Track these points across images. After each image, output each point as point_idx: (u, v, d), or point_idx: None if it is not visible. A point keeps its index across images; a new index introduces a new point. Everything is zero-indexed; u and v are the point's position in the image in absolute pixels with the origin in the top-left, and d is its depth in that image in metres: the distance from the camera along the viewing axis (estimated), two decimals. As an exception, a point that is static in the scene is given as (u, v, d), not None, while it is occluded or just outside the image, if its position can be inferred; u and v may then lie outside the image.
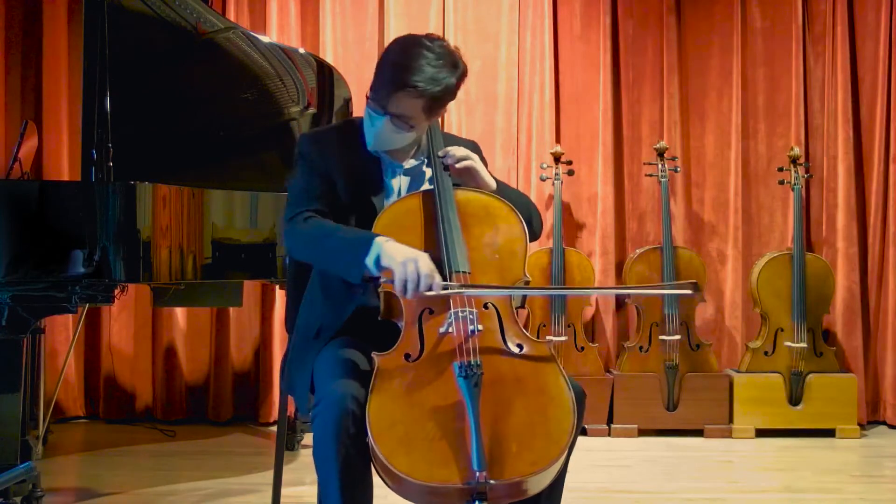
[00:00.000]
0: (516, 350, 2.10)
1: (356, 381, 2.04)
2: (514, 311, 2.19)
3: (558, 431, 1.98)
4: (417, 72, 2.18)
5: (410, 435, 1.94)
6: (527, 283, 2.25)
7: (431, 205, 2.23)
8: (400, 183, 2.38)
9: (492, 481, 1.87)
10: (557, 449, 1.96)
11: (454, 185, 2.29)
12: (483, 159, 2.41)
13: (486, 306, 2.14)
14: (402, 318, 2.12)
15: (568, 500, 2.16)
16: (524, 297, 2.32)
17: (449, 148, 2.31)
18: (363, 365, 2.10)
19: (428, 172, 2.40)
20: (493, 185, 2.35)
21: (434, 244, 2.18)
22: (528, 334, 2.15)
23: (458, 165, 2.28)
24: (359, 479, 2.03)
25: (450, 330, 2.06)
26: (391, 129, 2.26)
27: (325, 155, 2.34)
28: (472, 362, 1.99)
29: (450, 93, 2.24)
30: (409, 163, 2.41)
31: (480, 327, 2.07)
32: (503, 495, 1.93)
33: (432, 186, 2.27)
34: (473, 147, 2.47)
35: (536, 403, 2.02)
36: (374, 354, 2.06)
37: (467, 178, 2.32)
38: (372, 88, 2.27)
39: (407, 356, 2.06)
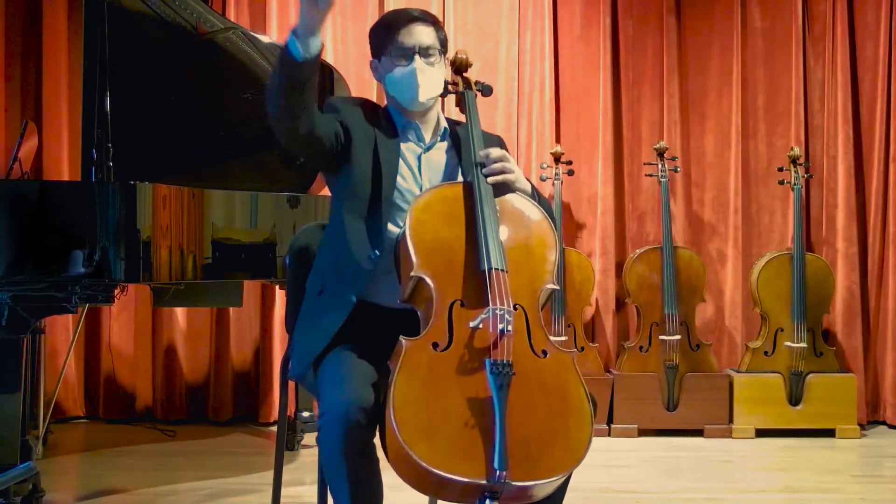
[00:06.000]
0: (541, 355, 2.10)
1: (361, 388, 2.03)
2: (541, 316, 2.18)
3: (577, 441, 1.98)
4: (410, 11, 2.39)
5: (434, 424, 1.93)
6: (553, 291, 2.24)
7: (470, 198, 2.23)
8: (420, 162, 2.39)
9: (511, 482, 1.87)
10: (574, 458, 1.96)
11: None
12: (505, 150, 2.43)
13: (515, 308, 2.12)
14: (431, 306, 2.10)
15: (568, 500, 2.16)
16: (544, 305, 2.30)
17: (489, 151, 2.30)
18: (367, 370, 2.09)
19: (435, 153, 2.42)
20: (528, 188, 2.36)
21: (472, 237, 2.18)
22: (552, 342, 2.14)
23: (490, 180, 2.26)
24: (368, 486, 2.03)
25: (481, 325, 2.05)
26: (424, 66, 2.33)
27: (351, 115, 2.36)
28: (506, 361, 1.99)
29: (441, 27, 2.42)
30: (430, 140, 2.42)
31: (511, 328, 2.05)
32: (514, 497, 1.92)
33: (470, 179, 2.27)
34: (499, 142, 2.50)
35: (559, 411, 2.01)
36: (402, 338, 2.04)
37: (503, 188, 2.31)
38: (383, 53, 2.36)
39: (435, 345, 2.05)
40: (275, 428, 4.76)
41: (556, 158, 4.82)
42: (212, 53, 3.79)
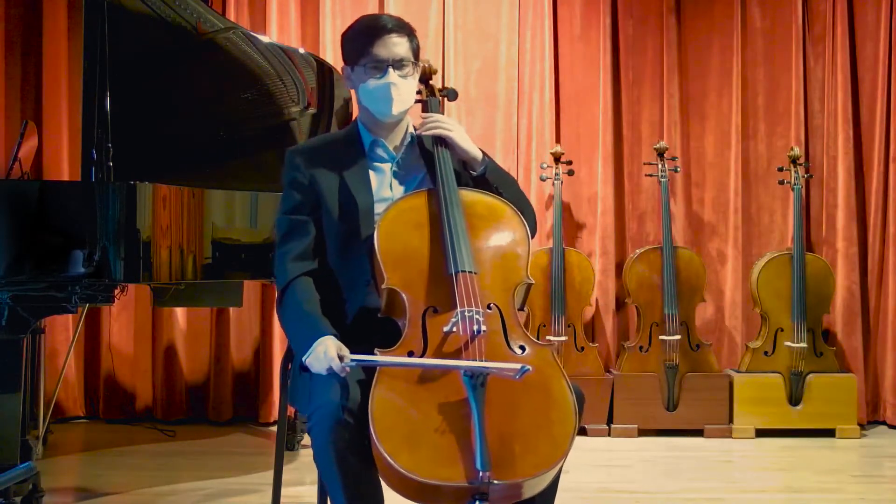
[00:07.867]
0: (519, 352, 2.10)
1: (349, 389, 2.03)
2: (517, 314, 2.19)
3: (561, 435, 1.98)
4: (385, 21, 2.34)
5: (415, 433, 1.94)
6: (529, 285, 2.25)
7: (436, 204, 2.24)
8: (390, 179, 2.39)
9: (495, 482, 1.87)
10: (560, 452, 1.96)
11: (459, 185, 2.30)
12: None
13: (489, 307, 2.14)
14: (405, 316, 2.12)
15: (567, 500, 2.17)
16: (524, 299, 2.31)
17: (425, 119, 2.35)
18: (355, 370, 2.09)
19: (402, 163, 2.42)
20: (479, 154, 2.36)
21: (439, 243, 2.19)
22: (530, 337, 2.14)
23: (426, 132, 2.33)
24: (364, 484, 2.04)
25: (454, 329, 2.06)
26: (398, 79, 2.31)
27: (313, 165, 2.36)
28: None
29: (415, 35, 2.39)
30: (397, 151, 2.42)
31: (485, 328, 2.06)
32: (503, 496, 1.92)
33: (436, 186, 2.28)
34: None
35: (540, 406, 2.01)
36: (377, 351, 2.05)
37: (444, 144, 2.34)
38: (356, 63, 2.34)
39: (410, 354, 2.06)
40: (275, 428, 4.76)
41: (556, 158, 4.82)
42: (212, 53, 3.79)
